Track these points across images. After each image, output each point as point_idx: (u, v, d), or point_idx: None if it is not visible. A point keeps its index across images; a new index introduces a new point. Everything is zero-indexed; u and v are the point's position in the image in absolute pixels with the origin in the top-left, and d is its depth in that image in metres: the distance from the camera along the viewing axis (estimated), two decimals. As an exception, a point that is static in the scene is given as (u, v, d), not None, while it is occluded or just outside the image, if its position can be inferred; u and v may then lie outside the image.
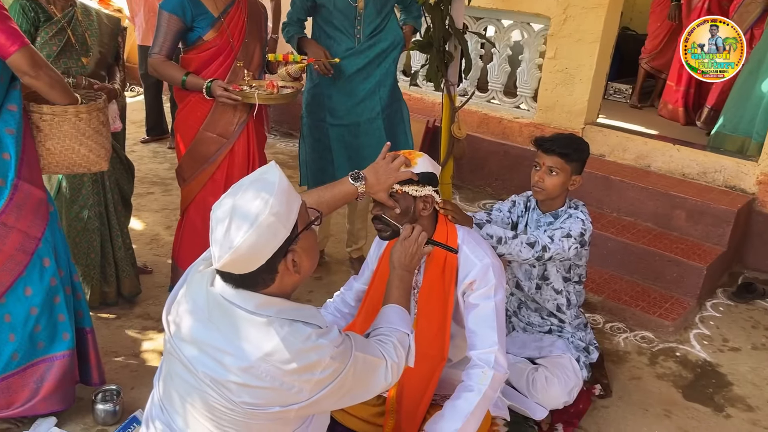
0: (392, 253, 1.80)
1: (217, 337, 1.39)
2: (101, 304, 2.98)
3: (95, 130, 2.20)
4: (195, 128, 2.73)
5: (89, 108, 2.17)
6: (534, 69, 4.68)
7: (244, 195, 1.37)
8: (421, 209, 1.93)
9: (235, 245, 1.32)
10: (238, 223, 1.33)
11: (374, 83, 3.14)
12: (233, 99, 2.59)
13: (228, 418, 1.41)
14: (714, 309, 3.50)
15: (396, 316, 1.69)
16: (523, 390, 2.40)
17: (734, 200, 3.78)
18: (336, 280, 3.46)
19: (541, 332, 2.63)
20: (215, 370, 1.38)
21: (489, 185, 4.88)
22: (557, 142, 2.38)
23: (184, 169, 2.82)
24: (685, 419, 2.60)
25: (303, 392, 1.39)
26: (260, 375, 1.36)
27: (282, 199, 1.36)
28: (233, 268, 1.37)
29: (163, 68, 2.66)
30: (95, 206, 2.85)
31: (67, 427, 2.30)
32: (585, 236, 2.35)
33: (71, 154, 2.19)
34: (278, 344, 1.35)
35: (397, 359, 1.58)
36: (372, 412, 2.13)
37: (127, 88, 7.01)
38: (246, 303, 1.39)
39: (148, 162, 5.10)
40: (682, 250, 3.59)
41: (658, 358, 3.02)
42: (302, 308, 1.46)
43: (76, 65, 2.70)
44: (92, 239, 2.87)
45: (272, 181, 1.38)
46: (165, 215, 4.15)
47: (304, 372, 1.37)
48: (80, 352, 2.33)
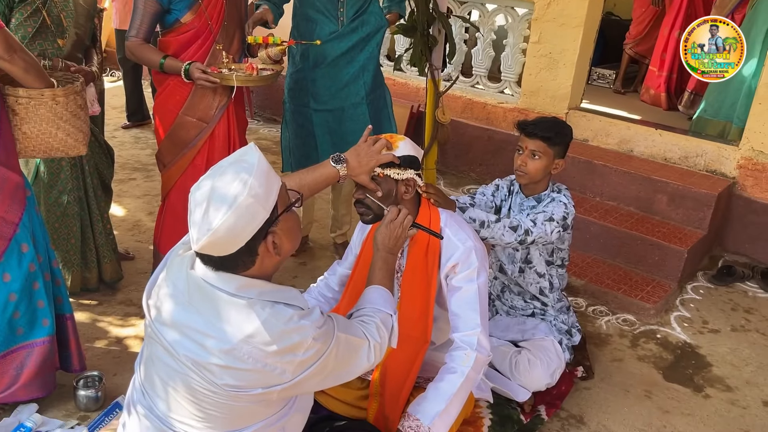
0: (376, 235, 1.80)
1: (198, 320, 1.38)
2: (82, 290, 2.95)
3: (72, 113, 2.16)
4: (174, 113, 2.69)
5: (66, 91, 2.13)
6: (518, 54, 4.68)
7: (222, 177, 1.35)
8: (403, 192, 1.92)
9: (213, 227, 1.31)
10: (216, 205, 1.32)
11: (358, 68, 3.12)
12: (211, 81, 2.55)
13: (210, 400, 1.41)
14: (694, 292, 3.55)
15: (379, 296, 1.70)
16: (506, 372, 2.42)
17: (715, 184, 3.82)
18: (320, 266, 3.45)
19: (524, 315, 2.65)
20: (197, 353, 1.37)
21: (473, 170, 4.88)
22: (540, 126, 2.38)
23: (164, 154, 2.78)
24: (665, 400, 2.64)
25: (286, 373, 1.39)
26: (242, 357, 1.35)
27: (261, 181, 1.35)
28: (212, 250, 1.36)
29: (141, 51, 2.62)
30: (74, 191, 2.81)
31: (49, 414, 2.28)
32: (567, 220, 2.36)
33: (48, 138, 2.15)
34: (260, 326, 1.35)
35: (379, 339, 1.58)
36: (355, 395, 2.14)
37: (107, 73, 6.91)
38: (227, 285, 1.39)
39: (130, 147, 5.04)
40: (664, 233, 3.63)
41: (640, 341, 3.05)
42: (284, 290, 1.46)
43: (52, 47, 2.64)
44: (72, 224, 2.83)
45: (251, 162, 1.37)
46: (147, 201, 4.11)
47: (286, 353, 1.37)
48: (60, 339, 2.31)
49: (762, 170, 3.81)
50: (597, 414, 2.51)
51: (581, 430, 2.42)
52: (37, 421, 2.19)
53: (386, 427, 1.99)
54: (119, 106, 5.90)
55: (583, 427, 2.44)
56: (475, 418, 2.25)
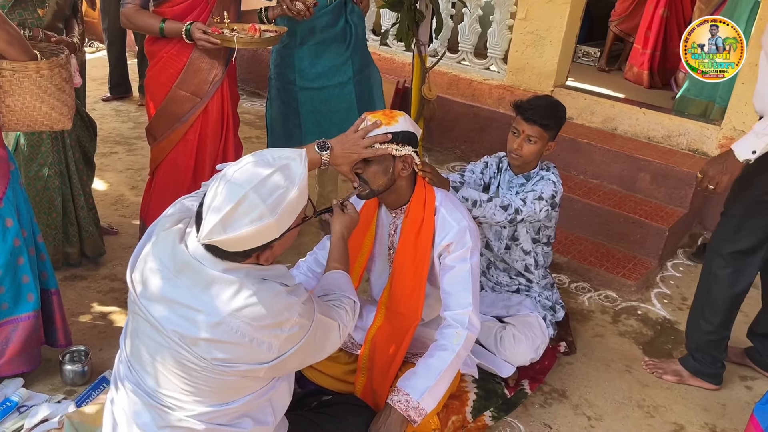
0: (333, 228, 1.87)
1: (186, 295, 1.39)
2: (64, 264, 2.93)
3: (57, 87, 2.13)
4: (167, 86, 2.64)
5: (50, 64, 2.10)
6: (505, 30, 4.66)
7: (263, 183, 1.35)
8: (401, 169, 1.92)
9: (227, 234, 1.33)
10: (241, 213, 1.33)
11: (345, 46, 3.08)
12: (212, 42, 2.50)
13: (199, 374, 1.42)
14: (674, 269, 3.61)
15: (345, 282, 1.77)
16: (491, 347, 2.46)
17: (697, 163, 3.86)
18: (306, 242, 3.45)
19: (509, 291, 2.68)
20: (185, 327, 1.38)
21: (458, 147, 4.88)
22: (539, 112, 2.34)
23: (155, 128, 2.74)
24: (645, 374, 2.70)
25: (272, 349, 1.41)
26: (230, 331, 1.37)
27: (294, 206, 1.38)
28: (214, 244, 1.37)
29: (138, 17, 2.55)
30: (55, 164, 2.77)
31: (35, 388, 2.28)
32: (556, 198, 2.38)
33: (32, 112, 2.12)
34: (248, 300, 1.37)
35: (348, 324, 1.66)
36: (343, 369, 2.16)
37: (87, 44, 6.76)
38: (215, 266, 1.40)
39: (111, 121, 4.97)
40: (646, 211, 3.68)
41: (621, 317, 3.11)
42: (271, 268, 1.47)
43: (32, 17, 2.58)
44: (53, 198, 2.79)
45: (294, 174, 1.38)
46: (129, 175, 4.06)
47: (273, 328, 1.40)
48: (46, 314, 2.30)
49: (743, 150, 3.86)
50: (579, 388, 2.57)
51: (563, 403, 2.48)
52: (23, 395, 2.19)
53: (374, 400, 2.02)
54: (99, 77, 5.79)
55: (565, 400, 2.49)
56: (461, 392, 2.29)
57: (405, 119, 1.91)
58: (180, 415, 1.46)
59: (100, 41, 6.97)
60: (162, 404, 1.47)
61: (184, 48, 2.58)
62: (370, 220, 2.13)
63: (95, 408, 1.99)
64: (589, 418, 2.42)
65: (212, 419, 1.48)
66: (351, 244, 2.13)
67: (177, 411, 1.46)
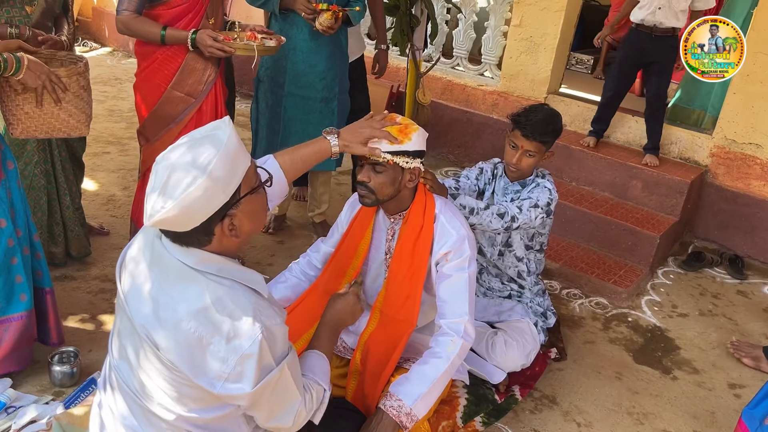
0: (329, 309, 1.76)
1: (156, 287, 1.36)
2: (49, 264, 2.89)
3: (75, 94, 2.17)
4: (161, 87, 2.63)
5: (69, 72, 2.14)
6: (499, 36, 4.68)
7: (188, 152, 1.31)
8: (408, 180, 1.93)
9: (167, 206, 1.27)
10: (174, 182, 1.28)
11: (334, 60, 3.10)
12: (226, 51, 2.48)
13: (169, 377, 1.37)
14: (665, 276, 3.63)
15: (320, 367, 1.66)
16: (482, 353, 2.46)
17: (688, 172, 3.89)
18: (298, 245, 3.45)
19: (501, 297, 2.68)
20: (151, 324, 1.35)
21: (451, 152, 4.89)
22: (538, 129, 2.33)
23: (148, 129, 2.73)
24: (635, 381, 2.71)
25: (228, 363, 1.32)
26: (190, 331, 1.31)
27: (225, 163, 1.30)
28: (165, 226, 1.33)
29: (136, 24, 2.51)
30: (41, 164, 2.74)
31: (23, 389, 2.26)
32: (551, 206, 2.39)
33: (50, 119, 2.16)
34: (213, 302, 1.33)
35: (306, 409, 1.54)
36: (334, 373, 2.14)
37: (80, 43, 6.74)
38: (187, 258, 1.36)
39: (103, 121, 4.94)
40: (637, 219, 3.70)
41: (611, 324, 3.12)
42: (246, 271, 1.42)
43: (20, 14, 2.55)
44: (38, 198, 2.76)
45: (221, 139, 1.32)
46: (121, 176, 4.04)
47: (232, 339, 1.32)
48: (39, 312, 2.29)
49: (734, 159, 3.89)
50: (569, 394, 2.57)
51: (554, 409, 2.48)
52: (11, 396, 2.16)
53: (365, 404, 2.01)
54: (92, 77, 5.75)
55: (555, 407, 2.50)
56: (452, 397, 2.29)
57: (418, 135, 1.89)
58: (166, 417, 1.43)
59: (94, 41, 6.96)
60: (146, 402, 1.45)
61: (179, 49, 2.57)
62: (367, 224, 2.12)
63: (84, 409, 1.97)
64: (579, 424, 2.42)
65: (196, 424, 1.45)
66: (346, 247, 2.12)
67: (163, 412, 1.43)
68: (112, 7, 6.75)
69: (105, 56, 6.66)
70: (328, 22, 2.87)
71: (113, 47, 6.87)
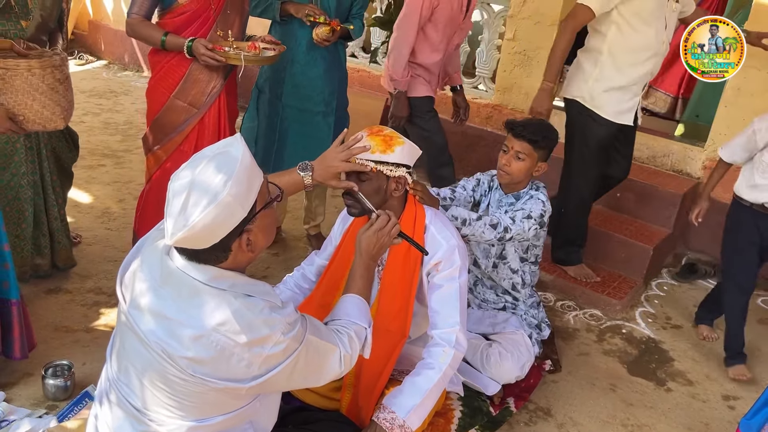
0: (361, 239, 1.77)
1: (171, 306, 1.38)
2: (33, 276, 2.86)
3: (49, 86, 2.19)
4: (165, 95, 2.66)
5: (42, 63, 2.16)
6: (493, 50, 4.72)
7: (204, 169, 1.33)
8: (393, 190, 1.93)
9: (189, 224, 1.30)
10: (195, 199, 1.30)
11: (331, 76, 3.13)
12: (217, 60, 2.51)
13: (184, 390, 1.40)
14: (659, 288, 3.64)
15: (355, 308, 1.70)
16: (477, 365, 2.46)
17: (681, 184, 3.91)
18: (293, 257, 3.45)
19: (496, 309, 2.69)
20: (168, 342, 1.37)
21: (446, 165, 4.90)
22: (528, 128, 2.38)
23: (151, 137, 2.75)
24: (629, 393, 2.71)
25: (252, 366, 1.39)
26: (211, 345, 1.35)
27: (242, 178, 1.33)
28: (186, 244, 1.35)
29: (141, 28, 2.59)
30: (28, 175, 2.72)
31: (17, 402, 2.25)
32: (544, 217, 2.40)
33: (23, 110, 2.18)
34: (230, 315, 1.35)
35: (350, 351, 1.60)
36: (328, 386, 2.12)
37: (75, 56, 6.76)
38: (200, 275, 1.38)
39: (99, 133, 4.95)
40: (631, 231, 3.71)
41: (606, 335, 3.13)
42: (257, 284, 1.46)
43: (15, 28, 2.56)
44: (24, 209, 2.74)
45: (235, 156, 1.35)
46: (116, 188, 4.04)
47: (254, 345, 1.37)
48: (4, 324, 2.25)
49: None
50: (563, 406, 2.57)
51: (548, 422, 2.48)
52: (4, 409, 2.16)
53: (359, 417, 2.01)
54: (88, 90, 5.79)
55: (550, 419, 2.50)
56: (446, 409, 2.28)
57: (403, 150, 1.87)
58: (163, 430, 1.45)
59: (90, 54, 6.98)
60: (146, 419, 1.46)
61: (185, 58, 2.60)
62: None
63: (77, 423, 1.97)
64: (574, 436, 2.43)
65: None
66: (340, 260, 2.13)
67: (160, 426, 1.45)
68: (108, 21, 6.77)
69: (101, 69, 6.68)
70: (325, 35, 2.94)
71: (109, 60, 6.89)
